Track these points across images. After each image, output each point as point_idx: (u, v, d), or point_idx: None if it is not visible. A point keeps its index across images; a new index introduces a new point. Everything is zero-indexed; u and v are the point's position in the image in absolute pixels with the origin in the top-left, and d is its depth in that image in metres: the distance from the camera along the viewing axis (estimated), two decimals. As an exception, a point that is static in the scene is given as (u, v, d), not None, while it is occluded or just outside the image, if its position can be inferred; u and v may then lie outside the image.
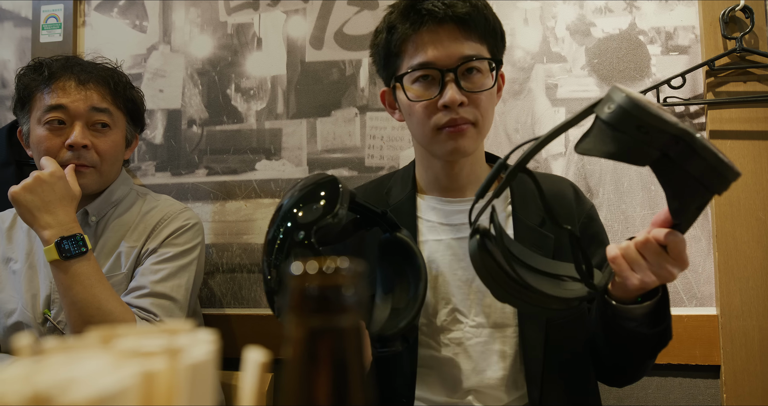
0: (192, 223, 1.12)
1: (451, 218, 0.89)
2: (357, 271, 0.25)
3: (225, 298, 1.38)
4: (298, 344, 0.23)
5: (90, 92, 1.05)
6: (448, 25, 0.82)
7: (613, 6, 1.28)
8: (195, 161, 1.43)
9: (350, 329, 0.23)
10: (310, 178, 0.77)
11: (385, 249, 0.82)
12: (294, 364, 0.23)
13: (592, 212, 0.94)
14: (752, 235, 1.17)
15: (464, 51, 0.82)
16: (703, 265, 1.20)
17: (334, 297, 0.24)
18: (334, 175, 0.76)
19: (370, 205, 0.79)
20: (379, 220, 0.80)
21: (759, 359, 1.14)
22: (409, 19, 0.84)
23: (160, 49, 1.47)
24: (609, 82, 1.27)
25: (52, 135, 1.04)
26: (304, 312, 0.24)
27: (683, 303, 1.20)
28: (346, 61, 1.37)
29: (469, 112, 0.83)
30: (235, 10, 1.44)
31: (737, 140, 1.19)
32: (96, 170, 1.06)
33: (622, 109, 0.58)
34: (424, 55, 0.83)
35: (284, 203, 0.72)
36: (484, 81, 0.85)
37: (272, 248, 0.68)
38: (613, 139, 0.59)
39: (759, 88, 1.19)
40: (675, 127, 0.58)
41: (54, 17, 1.51)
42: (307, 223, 0.67)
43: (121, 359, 0.22)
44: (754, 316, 1.15)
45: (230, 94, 1.43)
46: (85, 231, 1.09)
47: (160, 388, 0.21)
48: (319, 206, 0.69)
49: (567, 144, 1.27)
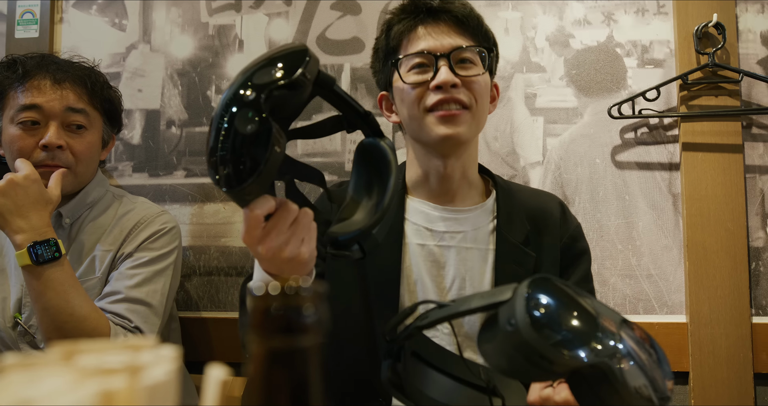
0: (169, 227, 1.10)
1: (436, 223, 0.90)
2: (318, 292, 0.25)
3: (202, 301, 1.36)
4: (258, 362, 0.24)
5: (66, 92, 1.03)
6: (444, 21, 0.86)
7: (591, 18, 1.30)
8: (173, 163, 1.41)
9: (311, 349, 0.24)
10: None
11: (364, 154, 0.75)
12: (255, 382, 0.23)
13: (576, 231, 0.94)
14: (721, 245, 1.20)
15: (458, 42, 0.85)
16: (674, 274, 1.23)
17: (295, 317, 0.24)
18: (304, 45, 0.62)
19: (351, 99, 0.68)
20: (362, 122, 0.71)
21: (726, 366, 1.17)
22: (407, 15, 0.88)
23: (139, 48, 1.45)
24: (587, 93, 1.29)
25: (26, 135, 1.02)
26: (266, 332, 0.24)
27: (654, 311, 1.22)
28: (328, 65, 1.37)
29: (463, 94, 0.84)
30: (217, 11, 1.43)
31: (708, 153, 1.22)
32: (71, 171, 1.04)
33: (521, 337, 0.50)
34: (420, 45, 0.85)
35: (237, 80, 0.59)
36: (477, 70, 0.86)
37: (215, 115, 0.58)
38: (510, 359, 0.51)
39: (729, 102, 1.22)
40: (590, 359, 0.50)
41: (30, 13, 1.48)
42: (259, 85, 0.56)
43: (82, 377, 0.22)
44: (722, 324, 1.18)
45: (210, 96, 1.41)
46: (58, 233, 1.06)
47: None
48: (276, 68, 0.57)
49: (545, 153, 1.29)
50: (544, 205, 0.94)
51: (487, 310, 0.55)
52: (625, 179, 1.26)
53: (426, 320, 0.59)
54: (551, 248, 0.89)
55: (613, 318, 0.57)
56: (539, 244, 0.89)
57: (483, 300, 0.55)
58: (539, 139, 1.29)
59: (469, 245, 0.89)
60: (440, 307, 0.60)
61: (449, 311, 0.58)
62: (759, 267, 1.21)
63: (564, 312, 0.53)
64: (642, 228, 1.24)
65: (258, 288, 0.24)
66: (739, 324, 1.17)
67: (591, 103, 1.28)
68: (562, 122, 1.29)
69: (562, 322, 0.52)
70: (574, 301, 0.55)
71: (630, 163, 1.26)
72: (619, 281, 1.24)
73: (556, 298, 0.53)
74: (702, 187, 1.21)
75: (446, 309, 0.59)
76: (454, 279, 0.88)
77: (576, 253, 0.92)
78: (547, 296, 0.53)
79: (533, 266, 0.87)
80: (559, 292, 0.55)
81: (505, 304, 0.53)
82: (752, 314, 1.19)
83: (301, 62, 0.59)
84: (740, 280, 1.18)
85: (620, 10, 1.29)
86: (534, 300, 0.52)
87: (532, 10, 1.32)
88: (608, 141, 1.27)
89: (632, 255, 1.24)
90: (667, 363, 0.59)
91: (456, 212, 0.90)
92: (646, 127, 1.27)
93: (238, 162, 0.57)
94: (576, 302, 0.54)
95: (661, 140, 1.26)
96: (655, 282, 1.23)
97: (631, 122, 1.26)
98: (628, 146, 1.27)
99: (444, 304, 0.60)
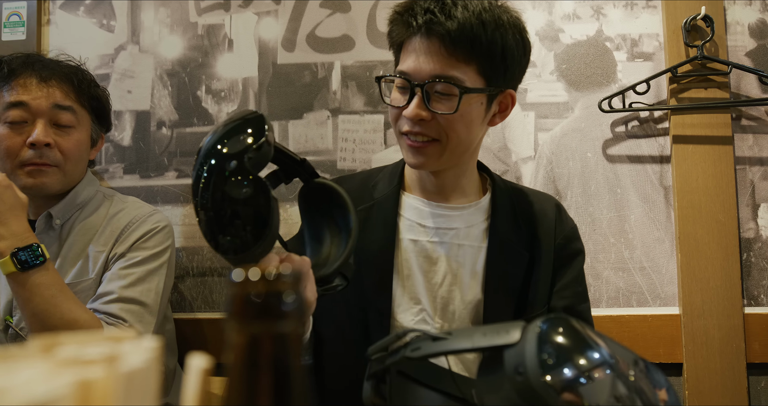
0: (162, 225, 1.09)
1: (429, 220, 0.90)
2: (298, 277, 0.25)
3: (195, 302, 1.36)
4: (239, 349, 0.24)
5: (52, 89, 1.02)
6: (435, 39, 0.79)
7: (580, 13, 1.30)
8: (164, 164, 1.40)
9: (291, 334, 0.24)
10: (228, 119, 0.68)
11: (308, 198, 0.77)
12: (235, 369, 0.23)
13: (571, 232, 0.94)
14: (713, 237, 1.20)
15: (439, 70, 0.79)
16: (666, 266, 1.23)
17: (275, 303, 0.24)
18: (256, 111, 0.68)
19: (288, 150, 0.72)
20: (299, 169, 0.74)
21: (719, 356, 1.18)
22: (402, 25, 0.83)
23: (128, 49, 1.44)
24: (577, 87, 1.29)
25: (13, 133, 1.01)
26: (246, 318, 0.24)
27: (647, 303, 1.23)
28: (318, 63, 1.37)
29: (431, 129, 0.81)
30: (205, 10, 1.42)
31: (698, 145, 1.23)
32: (59, 170, 1.03)
33: (531, 388, 0.45)
34: (405, 64, 0.82)
35: (209, 144, 0.64)
36: (450, 105, 0.80)
37: (197, 189, 0.61)
38: None
39: (719, 94, 1.23)
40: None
41: (17, 15, 1.46)
42: (237, 152, 0.60)
43: (59, 367, 0.22)
44: (715, 315, 1.19)
45: (201, 96, 1.41)
46: (49, 235, 1.06)
47: (96, 396, 0.21)
48: (245, 135, 0.62)
49: (536, 148, 1.29)
50: (540, 205, 0.94)
51: (491, 351, 0.51)
52: (616, 173, 1.26)
53: (417, 352, 0.55)
54: (545, 248, 0.89)
55: (627, 359, 0.52)
56: (533, 244, 0.89)
57: (486, 339, 0.51)
58: (530, 134, 1.29)
59: (461, 242, 0.89)
60: (434, 339, 0.55)
61: (445, 346, 0.53)
62: (750, 258, 1.22)
63: (579, 360, 0.47)
64: (634, 221, 1.25)
65: (237, 274, 0.24)
66: (732, 315, 1.18)
67: (581, 98, 1.29)
68: (553, 117, 1.29)
69: (578, 373, 0.46)
70: (589, 346, 0.49)
71: (621, 157, 1.27)
72: (612, 274, 1.24)
73: (569, 344, 0.48)
74: (693, 180, 1.22)
75: (442, 343, 0.54)
76: (446, 275, 0.88)
77: (569, 254, 0.92)
78: (560, 342, 0.48)
79: (526, 265, 0.87)
80: (572, 336, 0.49)
81: (512, 347, 0.48)
82: (744, 304, 1.20)
83: (262, 122, 0.63)
84: (732, 271, 1.19)
85: (609, 4, 1.30)
86: (546, 347, 0.46)
87: (522, 6, 1.32)
88: (599, 135, 1.28)
89: (625, 248, 1.24)
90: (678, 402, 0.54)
91: (449, 209, 0.90)
92: (637, 121, 1.27)
93: (242, 227, 0.58)
94: (590, 347, 0.49)
95: (651, 133, 1.27)
96: (647, 275, 1.24)
97: (622, 116, 1.27)
98: (619, 140, 1.27)
99: (438, 336, 0.55)
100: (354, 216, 0.73)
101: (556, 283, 0.90)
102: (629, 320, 1.21)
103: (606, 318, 1.21)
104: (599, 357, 0.48)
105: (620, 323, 1.21)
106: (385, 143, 1.34)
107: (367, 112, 1.35)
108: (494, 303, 0.86)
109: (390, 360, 0.56)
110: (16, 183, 1.02)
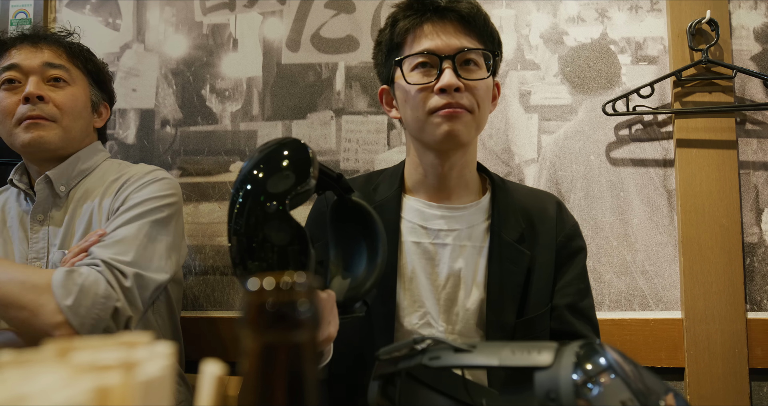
0: (161, 176, 1.04)
1: (431, 222, 0.89)
2: (313, 286, 0.25)
3: (198, 300, 1.36)
4: (254, 358, 0.24)
5: (43, 51, 1.05)
6: (450, 19, 0.85)
7: (585, 15, 1.30)
8: (168, 162, 1.41)
9: (306, 343, 0.24)
10: (272, 144, 0.68)
11: (338, 214, 0.79)
12: (250, 378, 0.23)
13: (572, 230, 0.93)
14: (716, 241, 1.20)
15: (464, 43, 0.84)
16: (669, 270, 1.23)
17: (290, 313, 0.24)
18: (300, 140, 0.68)
19: (327, 168, 0.73)
20: (334, 184, 0.75)
21: (721, 361, 1.17)
22: (412, 13, 0.86)
23: (133, 47, 1.45)
24: (581, 90, 1.29)
25: (8, 93, 1.02)
26: (260, 327, 0.24)
27: (650, 307, 1.23)
28: (322, 64, 1.37)
29: (465, 98, 0.83)
30: (210, 10, 1.43)
31: (702, 149, 1.23)
32: (58, 124, 1.03)
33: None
34: (425, 44, 0.84)
35: (250, 169, 0.64)
36: (480, 73, 0.86)
37: (232, 214, 0.62)
38: None
39: (723, 98, 1.23)
40: None
41: (23, 13, 1.47)
42: (279, 193, 0.61)
43: (76, 373, 0.22)
44: (717, 319, 1.18)
45: (205, 95, 1.41)
46: (53, 202, 1.03)
47: (114, 403, 0.21)
48: (290, 174, 0.62)
49: (540, 150, 1.29)
50: (540, 204, 0.94)
51: (519, 372, 0.49)
52: (619, 176, 1.26)
53: (437, 362, 0.52)
54: (547, 246, 0.89)
55: (659, 390, 0.50)
56: (534, 242, 0.89)
57: (515, 358, 0.48)
58: (534, 137, 1.29)
59: (463, 243, 0.89)
60: (456, 350, 0.52)
61: (469, 360, 0.51)
62: (753, 263, 1.22)
63: (615, 390, 0.45)
64: (637, 225, 1.25)
65: (253, 283, 0.24)
66: (734, 320, 1.18)
67: (585, 100, 1.29)
68: (556, 119, 1.29)
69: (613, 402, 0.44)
70: (626, 375, 0.47)
71: (624, 160, 1.27)
72: (614, 278, 1.24)
73: (605, 373, 0.46)
74: (696, 184, 1.22)
75: (465, 356, 0.51)
76: (449, 277, 0.88)
77: (571, 251, 0.92)
78: (596, 370, 0.46)
79: (527, 264, 0.87)
80: (607, 365, 0.47)
81: (544, 370, 0.46)
82: (747, 309, 1.20)
83: (309, 161, 0.63)
84: (735, 276, 1.19)
85: (614, 7, 1.30)
86: (582, 375, 0.45)
87: (526, 8, 1.32)
88: (603, 138, 1.28)
89: (627, 252, 1.24)
90: None
91: (451, 210, 0.90)
92: (641, 124, 1.27)
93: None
94: (627, 377, 0.47)
95: (655, 137, 1.26)
96: (650, 278, 1.24)
97: (626, 119, 1.27)
98: (622, 143, 1.27)
99: (461, 348, 0.52)
100: (383, 245, 0.74)
101: (558, 281, 0.89)
102: (631, 324, 1.21)
103: (608, 322, 1.21)
104: (634, 387, 0.47)
105: (622, 326, 1.21)
106: (389, 144, 1.34)
107: (370, 112, 1.35)
108: (496, 303, 0.86)
109: (403, 364, 0.55)
110: (17, 142, 1.02)
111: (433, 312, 0.87)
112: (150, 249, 0.96)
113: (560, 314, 0.88)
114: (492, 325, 0.85)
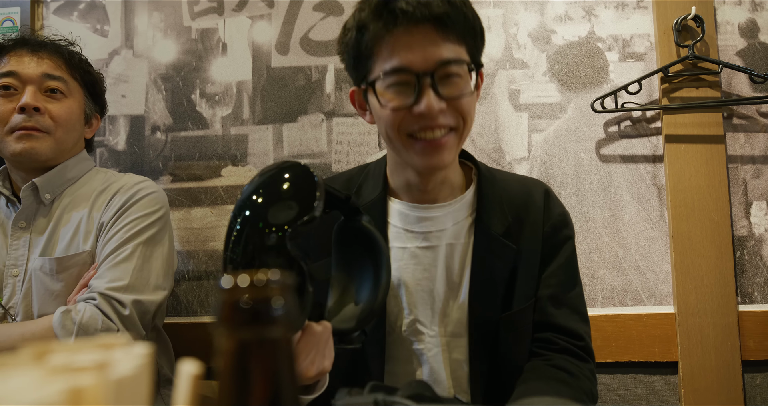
0: (150, 191, 1.06)
1: (417, 225, 0.87)
2: (286, 283, 0.25)
3: (191, 306, 1.36)
4: (229, 356, 0.24)
5: (43, 60, 1.04)
6: (424, 25, 0.74)
7: (572, 14, 1.31)
8: (159, 168, 1.40)
9: (281, 340, 0.24)
10: (274, 169, 0.64)
11: (345, 235, 0.75)
12: (225, 376, 0.24)
13: (559, 219, 0.88)
14: (706, 235, 1.21)
15: (442, 54, 0.74)
16: (660, 265, 1.24)
17: (264, 310, 0.24)
18: (306, 165, 0.65)
19: (335, 190, 0.69)
20: (341, 205, 0.71)
21: (714, 354, 1.18)
22: (381, 19, 0.75)
23: (122, 54, 1.44)
24: (570, 88, 1.30)
25: (4, 100, 1.02)
26: (235, 324, 0.24)
27: (642, 302, 1.24)
28: (312, 66, 1.37)
29: (449, 118, 0.76)
30: (199, 14, 1.42)
31: (691, 144, 1.24)
32: (50, 136, 1.03)
33: None
34: (398, 59, 0.74)
35: (250, 194, 0.61)
36: (463, 85, 0.76)
37: (228, 241, 0.59)
38: None
39: (710, 93, 1.24)
40: None
41: (10, 20, 1.46)
42: (281, 224, 0.57)
43: (50, 375, 0.22)
44: (709, 313, 1.19)
45: (195, 100, 1.41)
46: (38, 210, 1.04)
47: (87, 403, 0.21)
48: (293, 203, 0.59)
49: (530, 149, 1.29)
50: (527, 192, 0.89)
51: None
52: (610, 172, 1.27)
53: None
54: (532, 238, 0.86)
55: None
56: (521, 235, 0.86)
57: None
58: (524, 135, 1.30)
59: (450, 241, 0.86)
60: None
61: None
62: (744, 256, 1.23)
63: None
64: (628, 220, 1.26)
65: (227, 281, 0.24)
66: (726, 313, 1.19)
67: (574, 98, 1.30)
68: (546, 117, 1.30)
69: None
70: None
71: (614, 157, 1.28)
72: (606, 274, 1.25)
73: None
74: (686, 179, 1.23)
75: None
76: (439, 280, 0.86)
77: (557, 242, 0.87)
78: None
79: (513, 258, 0.84)
80: None
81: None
82: (738, 302, 1.20)
83: (314, 191, 0.60)
84: (726, 269, 1.20)
85: (600, 5, 1.31)
86: None
87: (514, 7, 1.33)
88: (592, 135, 1.28)
89: (619, 247, 1.25)
90: None
91: (435, 210, 0.86)
92: (629, 121, 1.28)
93: None
94: None
95: (644, 133, 1.27)
96: (642, 274, 1.24)
97: (615, 116, 1.28)
98: (611, 140, 1.28)
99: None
100: (387, 274, 0.72)
101: (543, 272, 0.86)
102: (624, 319, 1.22)
103: (601, 317, 1.21)
104: None
105: (615, 322, 1.22)
106: (380, 146, 1.34)
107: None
108: (480, 300, 0.84)
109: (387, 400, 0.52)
110: (7, 150, 1.02)
111: (424, 317, 0.85)
112: (146, 270, 0.98)
113: (542, 305, 0.85)
114: (476, 322, 0.83)
